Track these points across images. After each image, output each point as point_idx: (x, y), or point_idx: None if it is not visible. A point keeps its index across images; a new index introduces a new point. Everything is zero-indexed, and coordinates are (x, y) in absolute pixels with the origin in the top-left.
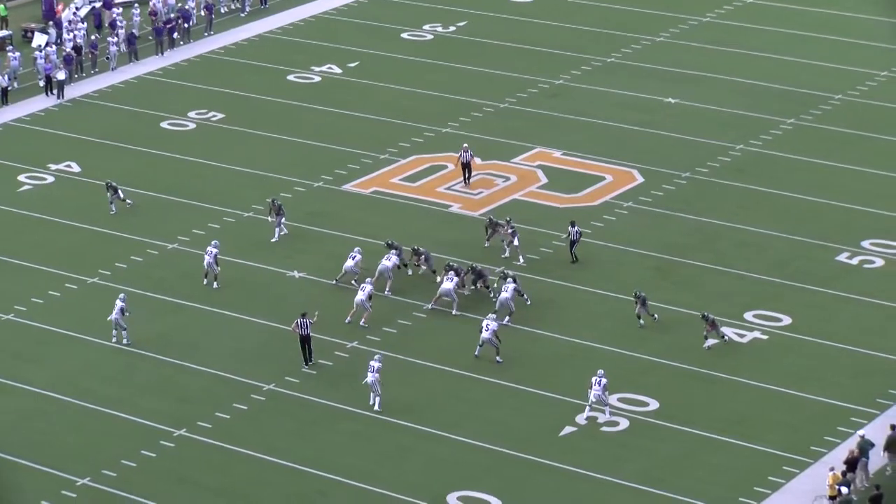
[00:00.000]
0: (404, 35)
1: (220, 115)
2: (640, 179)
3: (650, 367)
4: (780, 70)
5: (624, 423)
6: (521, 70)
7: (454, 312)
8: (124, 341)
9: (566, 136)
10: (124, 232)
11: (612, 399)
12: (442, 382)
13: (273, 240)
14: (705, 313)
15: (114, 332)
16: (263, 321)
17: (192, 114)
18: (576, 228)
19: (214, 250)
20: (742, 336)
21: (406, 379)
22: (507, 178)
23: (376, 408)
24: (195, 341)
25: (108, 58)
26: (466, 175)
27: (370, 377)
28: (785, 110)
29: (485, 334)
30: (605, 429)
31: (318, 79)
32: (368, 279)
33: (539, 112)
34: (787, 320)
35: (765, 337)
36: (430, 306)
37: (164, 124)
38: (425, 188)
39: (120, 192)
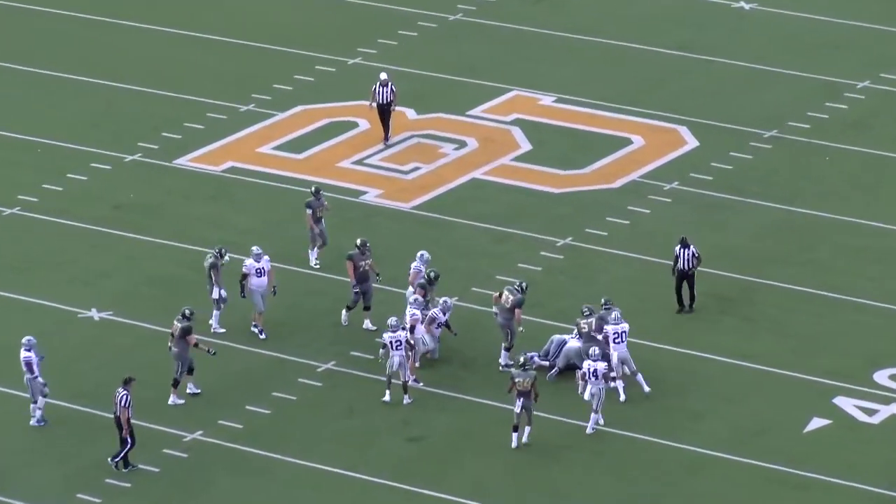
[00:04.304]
0: None
1: None
2: (691, 143)
3: (703, 463)
4: None
5: None
6: None
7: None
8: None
9: (562, 71)
10: None
11: None
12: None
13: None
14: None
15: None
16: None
17: None
18: (691, 250)
19: None
20: (871, 413)
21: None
22: (462, 144)
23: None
24: None
25: None
26: (385, 125)
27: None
28: None
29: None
30: None
31: None
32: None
33: (515, 28)
34: None
35: None
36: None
37: None
38: (319, 162)
39: None
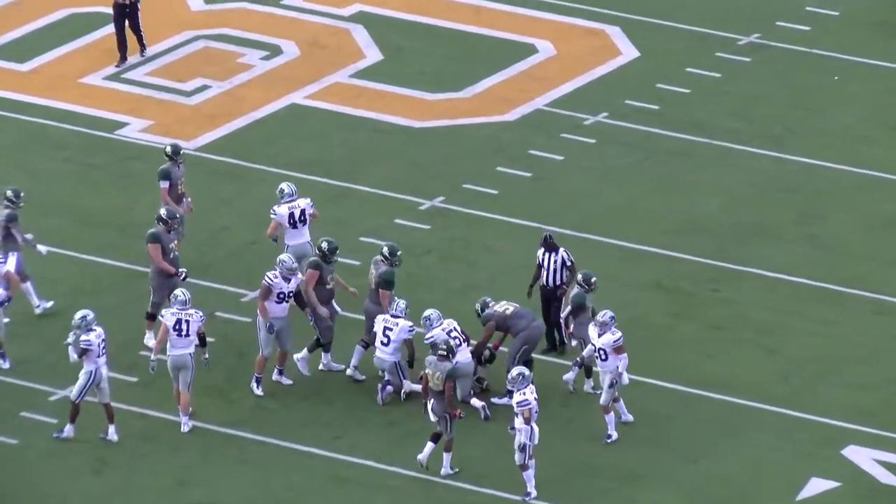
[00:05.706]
0: None
1: None
2: (627, 53)
3: None
4: None
5: None
6: None
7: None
8: None
9: None
10: None
11: None
12: None
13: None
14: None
15: None
16: None
17: None
18: (559, 255)
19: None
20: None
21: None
22: (275, 51)
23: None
24: None
25: None
26: (137, 34)
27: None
28: None
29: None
30: None
31: None
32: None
33: None
34: None
35: None
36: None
37: None
38: (55, 76)
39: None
